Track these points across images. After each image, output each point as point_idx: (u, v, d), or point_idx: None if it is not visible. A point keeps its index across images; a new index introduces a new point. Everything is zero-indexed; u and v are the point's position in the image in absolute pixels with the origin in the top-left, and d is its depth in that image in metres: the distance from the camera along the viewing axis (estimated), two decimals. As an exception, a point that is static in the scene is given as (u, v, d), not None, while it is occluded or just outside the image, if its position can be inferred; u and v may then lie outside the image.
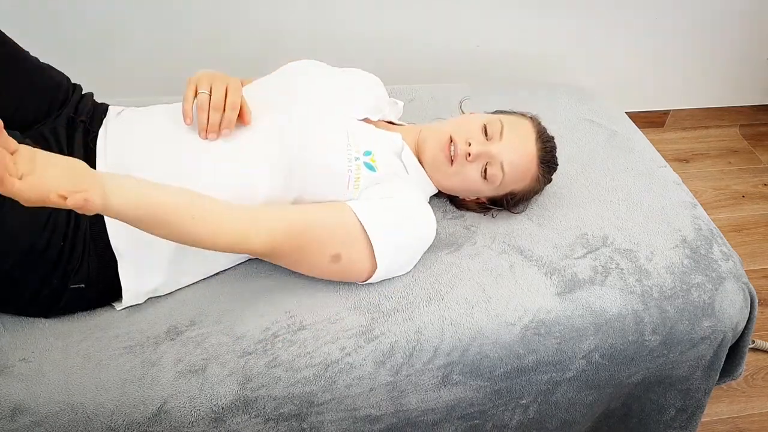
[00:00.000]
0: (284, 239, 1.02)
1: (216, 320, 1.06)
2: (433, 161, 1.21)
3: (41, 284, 1.02)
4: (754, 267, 1.97)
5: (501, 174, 1.18)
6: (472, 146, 1.17)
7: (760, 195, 2.22)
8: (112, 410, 0.97)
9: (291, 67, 1.28)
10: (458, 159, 1.18)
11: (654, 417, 1.27)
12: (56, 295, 1.03)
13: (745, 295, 1.20)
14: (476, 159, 1.17)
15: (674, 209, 1.31)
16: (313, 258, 1.07)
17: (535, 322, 1.11)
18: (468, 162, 1.18)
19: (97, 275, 1.05)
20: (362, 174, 1.12)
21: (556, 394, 1.16)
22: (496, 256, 1.19)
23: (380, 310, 1.09)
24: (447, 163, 1.19)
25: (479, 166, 1.18)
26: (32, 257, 0.99)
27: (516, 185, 1.22)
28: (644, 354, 1.16)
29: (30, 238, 0.98)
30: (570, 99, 1.61)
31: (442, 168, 1.21)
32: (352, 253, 1.07)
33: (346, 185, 1.11)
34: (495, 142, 1.18)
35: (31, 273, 1.00)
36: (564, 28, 2.10)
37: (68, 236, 1.02)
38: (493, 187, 1.21)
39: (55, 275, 1.02)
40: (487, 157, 1.17)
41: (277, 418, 1.03)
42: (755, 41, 2.30)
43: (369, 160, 1.14)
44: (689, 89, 2.40)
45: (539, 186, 1.26)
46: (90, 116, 1.17)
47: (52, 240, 1.00)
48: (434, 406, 1.10)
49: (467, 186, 1.22)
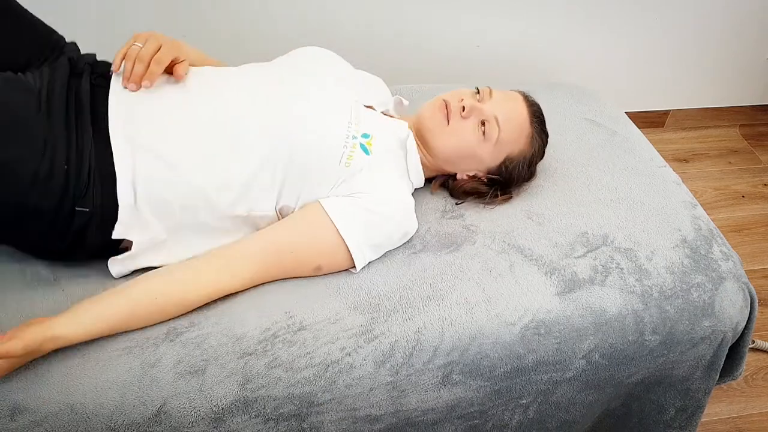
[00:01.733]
0: (262, 270, 1.10)
1: (215, 321, 1.06)
2: (431, 124, 1.24)
3: (55, 210, 1.03)
4: (754, 267, 1.97)
5: (497, 129, 1.21)
6: (465, 101, 1.22)
7: (760, 195, 2.22)
8: (111, 410, 0.98)
9: (306, 49, 1.32)
10: (453, 115, 1.22)
11: (654, 417, 1.27)
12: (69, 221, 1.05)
13: (745, 295, 1.20)
14: (470, 113, 1.21)
15: (674, 209, 1.31)
16: (296, 273, 1.13)
17: (535, 321, 1.11)
18: (463, 118, 1.22)
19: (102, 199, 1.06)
20: (356, 153, 1.14)
21: (556, 394, 1.16)
22: (496, 256, 1.19)
23: (380, 310, 1.09)
24: (444, 121, 1.23)
25: (475, 124, 1.22)
26: (39, 185, 1.01)
27: (512, 146, 1.25)
28: (644, 354, 1.16)
29: (30, 168, 1.00)
30: (570, 99, 1.61)
31: (439, 128, 1.23)
32: (332, 260, 1.13)
33: (339, 160, 1.13)
34: (486, 101, 1.24)
35: (44, 201, 1.02)
36: (564, 29, 2.10)
37: (71, 159, 1.04)
38: (491, 145, 1.23)
39: (66, 200, 1.03)
40: (481, 113, 1.22)
41: (277, 418, 1.03)
42: (755, 41, 2.30)
43: (365, 143, 1.16)
44: (689, 89, 2.40)
45: (534, 150, 1.28)
46: (94, 62, 1.18)
47: (54, 165, 1.02)
48: (434, 406, 1.10)
49: (465, 145, 1.23)
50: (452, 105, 1.22)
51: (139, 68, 1.10)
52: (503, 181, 1.28)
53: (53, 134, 1.04)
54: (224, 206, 1.10)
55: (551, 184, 1.33)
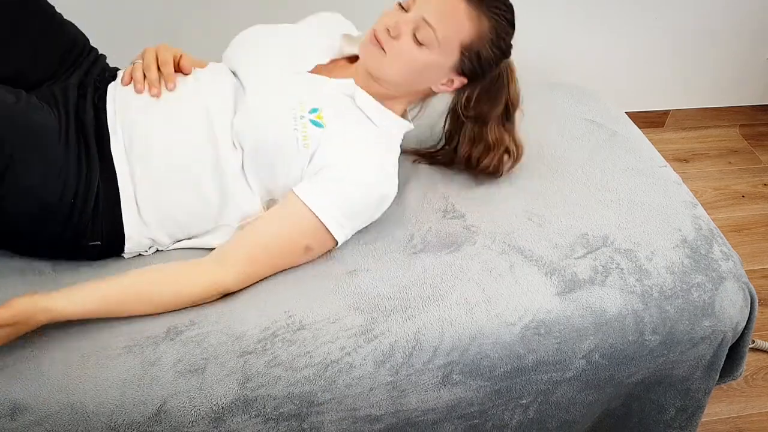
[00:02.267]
0: (253, 262, 1.11)
1: (215, 320, 1.06)
2: (370, 60, 1.18)
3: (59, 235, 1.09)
4: (754, 267, 1.97)
5: (430, 29, 1.13)
6: (388, 21, 1.15)
7: (760, 195, 2.23)
8: (111, 410, 0.98)
9: (237, 40, 1.29)
10: (384, 41, 1.15)
11: (654, 417, 1.27)
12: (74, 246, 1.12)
13: (745, 295, 1.20)
14: (398, 30, 1.14)
15: (674, 209, 1.31)
16: (287, 262, 1.15)
17: (535, 321, 1.11)
18: (394, 39, 1.14)
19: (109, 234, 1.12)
20: (309, 132, 1.13)
21: (556, 393, 1.16)
22: (496, 256, 1.19)
23: (380, 309, 1.09)
24: (381, 52, 1.16)
25: (409, 37, 1.14)
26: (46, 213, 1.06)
27: (458, 36, 1.15)
28: (644, 354, 1.16)
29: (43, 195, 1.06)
30: (570, 99, 1.61)
31: (379, 60, 1.17)
32: (317, 238, 1.14)
33: (296, 147, 1.13)
34: (412, 8, 1.15)
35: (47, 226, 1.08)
36: (564, 29, 2.10)
37: (79, 194, 1.08)
38: (436, 49, 1.15)
39: (68, 229, 1.09)
40: (406, 23, 1.14)
41: (277, 417, 1.03)
42: (755, 41, 2.30)
43: (315, 117, 1.15)
44: (689, 89, 2.40)
45: (489, 27, 1.16)
46: (100, 78, 1.22)
47: (63, 197, 1.07)
48: (434, 406, 1.11)
49: (411, 63, 1.16)
50: (380, 32, 1.15)
51: (151, 74, 1.17)
52: (477, 68, 1.20)
53: (67, 166, 1.08)
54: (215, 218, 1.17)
55: (552, 185, 1.33)
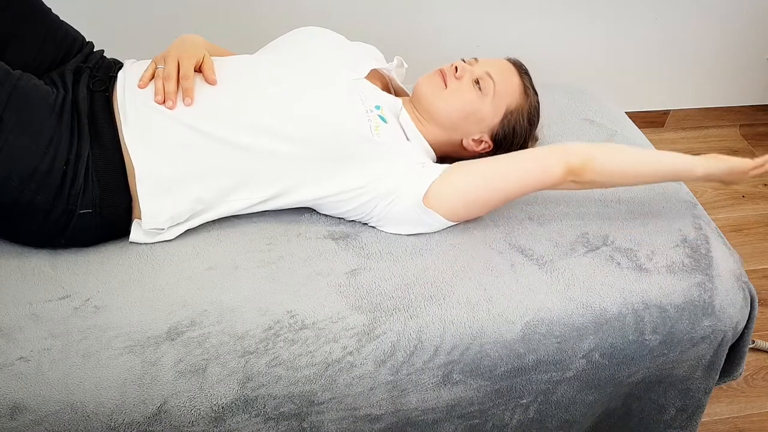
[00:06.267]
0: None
1: (217, 320, 1.06)
2: (429, 90, 1.29)
3: (49, 207, 1.08)
4: (754, 267, 1.97)
5: (491, 82, 1.28)
6: (456, 65, 1.30)
7: (760, 195, 2.23)
8: (112, 409, 0.98)
9: (301, 31, 1.37)
10: (449, 78, 1.29)
11: (654, 417, 1.28)
12: (65, 219, 1.11)
13: (745, 295, 1.20)
14: (463, 73, 1.29)
15: (674, 209, 1.31)
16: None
17: (536, 321, 1.11)
18: (457, 78, 1.28)
19: (101, 201, 1.12)
20: (378, 123, 1.21)
21: (556, 393, 1.16)
22: (498, 256, 1.19)
23: (381, 309, 1.09)
24: (442, 85, 1.29)
25: (470, 83, 1.28)
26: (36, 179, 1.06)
27: (509, 98, 1.30)
28: (644, 353, 1.16)
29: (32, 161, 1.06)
30: (570, 99, 1.61)
31: (438, 92, 1.29)
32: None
33: (370, 133, 1.18)
34: (474, 65, 1.32)
35: (38, 195, 1.07)
36: (564, 28, 2.10)
37: (70, 162, 1.09)
38: (489, 98, 1.28)
39: (60, 198, 1.09)
40: (472, 73, 1.29)
41: (278, 417, 1.03)
42: (755, 41, 2.30)
43: (380, 113, 1.23)
44: (689, 89, 2.40)
45: (530, 103, 1.33)
46: (96, 64, 1.25)
47: (54, 164, 1.07)
48: (434, 406, 1.11)
49: (466, 103, 1.28)
50: (446, 69, 1.30)
51: (169, 86, 1.16)
52: (507, 139, 1.32)
53: (59, 135, 1.09)
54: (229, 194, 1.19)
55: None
